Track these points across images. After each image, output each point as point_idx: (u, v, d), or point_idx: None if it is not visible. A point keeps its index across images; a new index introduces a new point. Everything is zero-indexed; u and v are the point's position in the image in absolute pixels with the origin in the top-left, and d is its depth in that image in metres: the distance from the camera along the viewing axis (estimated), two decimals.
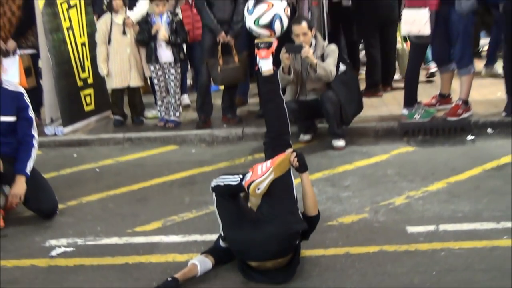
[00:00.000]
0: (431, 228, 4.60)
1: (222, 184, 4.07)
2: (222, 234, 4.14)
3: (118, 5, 7.15)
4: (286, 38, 6.46)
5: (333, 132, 6.53)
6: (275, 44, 4.32)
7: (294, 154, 4.06)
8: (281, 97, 4.45)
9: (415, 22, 6.51)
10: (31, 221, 5.14)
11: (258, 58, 4.36)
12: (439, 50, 6.97)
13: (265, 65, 4.32)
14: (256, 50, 4.35)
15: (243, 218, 4.02)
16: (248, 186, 3.92)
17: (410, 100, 6.94)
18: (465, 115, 6.85)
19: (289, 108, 6.41)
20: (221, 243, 4.19)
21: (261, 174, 3.93)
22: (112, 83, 7.38)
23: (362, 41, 8.85)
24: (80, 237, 4.78)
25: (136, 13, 7.25)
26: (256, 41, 4.35)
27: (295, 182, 4.19)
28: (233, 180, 4.05)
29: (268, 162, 3.98)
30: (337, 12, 7.93)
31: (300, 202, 4.19)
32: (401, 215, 4.86)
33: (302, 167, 4.09)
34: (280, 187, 4.02)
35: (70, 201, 5.52)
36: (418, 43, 6.76)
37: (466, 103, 6.88)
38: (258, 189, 3.91)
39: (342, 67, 6.59)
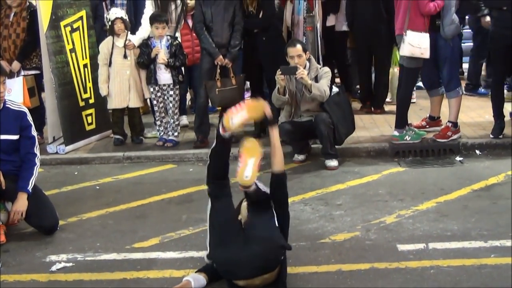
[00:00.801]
0: (420, 246, 4.67)
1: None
2: (208, 249, 4.24)
3: (119, 29, 7.31)
4: (281, 61, 6.66)
5: (327, 152, 6.63)
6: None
7: (268, 108, 4.28)
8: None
9: (420, 44, 6.60)
10: (32, 236, 5.19)
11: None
12: (428, 74, 7.12)
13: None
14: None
15: (228, 235, 4.10)
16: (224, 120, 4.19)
17: (401, 122, 7.02)
18: (454, 137, 6.96)
19: (284, 129, 6.62)
20: (206, 259, 4.29)
21: (235, 111, 4.19)
22: (112, 104, 7.49)
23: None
24: (80, 253, 4.83)
25: (137, 37, 7.40)
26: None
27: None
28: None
29: (243, 105, 4.23)
30: (330, 37, 8.10)
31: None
32: (391, 234, 4.93)
33: (274, 119, 4.38)
34: (261, 208, 4.16)
35: (71, 217, 5.57)
36: (410, 68, 6.87)
37: (455, 125, 7.00)
38: (232, 120, 4.15)
39: (335, 89, 6.75)
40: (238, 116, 4.17)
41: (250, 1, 7.13)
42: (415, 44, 6.61)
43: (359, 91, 8.87)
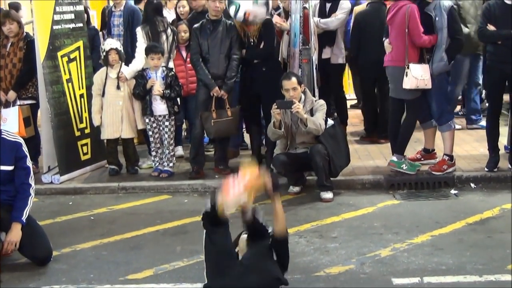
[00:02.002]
0: (415, 280, 4.66)
1: (204, 210, 4.20)
2: (206, 280, 4.22)
3: (114, 60, 7.35)
4: (280, 93, 6.70)
5: (322, 184, 6.63)
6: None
7: (269, 179, 4.20)
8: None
9: (423, 76, 6.67)
10: (25, 267, 5.17)
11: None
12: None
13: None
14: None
15: (226, 266, 4.11)
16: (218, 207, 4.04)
17: (401, 148, 7.04)
18: (449, 170, 6.97)
19: (279, 160, 6.64)
20: None
21: (232, 196, 4.02)
22: (104, 134, 7.49)
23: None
24: (73, 284, 4.81)
25: (130, 69, 7.43)
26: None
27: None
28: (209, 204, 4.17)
29: (241, 183, 4.05)
30: (326, 69, 8.16)
31: None
32: (386, 267, 4.92)
33: (276, 189, 4.29)
34: (259, 241, 4.18)
35: (64, 248, 5.55)
36: (399, 99, 6.99)
37: (451, 158, 7.02)
38: (227, 206, 4.01)
39: (330, 122, 6.78)
40: (233, 205, 4.02)
41: (252, 31, 7.18)
42: (419, 76, 6.68)
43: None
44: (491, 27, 6.75)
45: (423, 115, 7.15)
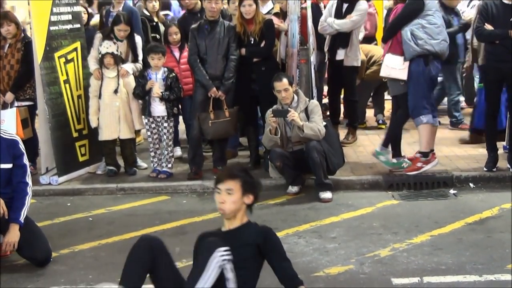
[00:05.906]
0: (415, 280, 4.67)
1: None
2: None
3: (108, 63, 7.31)
4: (269, 95, 6.69)
5: (321, 182, 6.59)
6: None
7: None
8: None
9: (395, 65, 6.71)
10: (23, 268, 5.16)
11: None
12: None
13: None
14: None
15: None
16: None
17: (385, 141, 7.07)
18: (427, 167, 6.87)
19: (276, 153, 6.62)
20: None
21: None
22: (102, 135, 7.46)
23: None
24: (72, 286, 4.80)
25: (129, 66, 7.45)
26: None
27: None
28: None
29: None
30: (340, 71, 8.11)
31: None
32: (386, 267, 4.93)
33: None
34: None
35: (63, 249, 5.54)
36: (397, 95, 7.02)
37: (425, 155, 6.89)
38: None
39: (323, 122, 6.76)
40: None
41: (253, 30, 7.16)
42: (391, 65, 6.75)
43: None
44: (488, 27, 6.75)
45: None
